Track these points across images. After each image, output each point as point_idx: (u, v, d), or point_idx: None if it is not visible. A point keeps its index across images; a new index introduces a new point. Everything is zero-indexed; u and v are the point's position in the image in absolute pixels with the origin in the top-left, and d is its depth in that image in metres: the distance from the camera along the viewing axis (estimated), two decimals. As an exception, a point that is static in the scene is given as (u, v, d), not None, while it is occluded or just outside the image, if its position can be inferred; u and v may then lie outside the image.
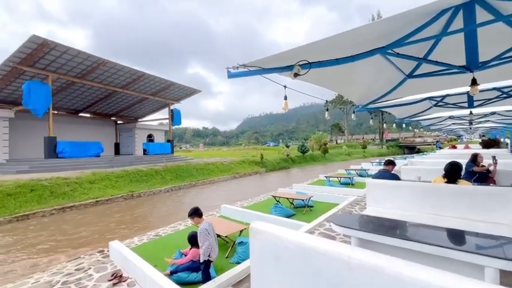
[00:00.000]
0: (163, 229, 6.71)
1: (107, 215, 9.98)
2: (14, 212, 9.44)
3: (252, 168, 24.40)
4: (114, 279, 3.95)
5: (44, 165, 15.11)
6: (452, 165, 3.82)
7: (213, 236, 3.67)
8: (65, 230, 8.32)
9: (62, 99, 21.32)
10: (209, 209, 9.60)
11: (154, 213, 10.47)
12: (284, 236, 1.75)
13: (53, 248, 6.88)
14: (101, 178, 13.56)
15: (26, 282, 4.23)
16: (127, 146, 27.78)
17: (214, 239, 3.64)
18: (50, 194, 11.03)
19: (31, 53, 14.11)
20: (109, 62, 17.30)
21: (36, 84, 14.93)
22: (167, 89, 23.52)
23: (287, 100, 2.76)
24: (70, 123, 23.39)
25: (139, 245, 5.58)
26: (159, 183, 15.41)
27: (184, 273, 3.72)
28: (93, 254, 5.30)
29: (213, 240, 3.59)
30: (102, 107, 25.26)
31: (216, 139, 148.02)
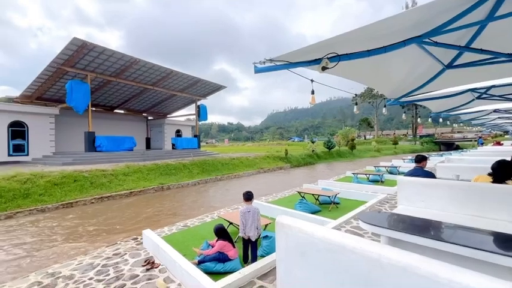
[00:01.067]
0: (191, 220, 7.00)
1: (139, 205, 10.62)
2: (60, 200, 10.42)
3: (276, 164, 24.38)
4: (147, 265, 4.23)
5: (84, 158, 16.42)
6: (501, 164, 3.50)
7: (250, 218, 4.01)
8: (103, 217, 9.02)
9: (99, 96, 22.88)
10: (234, 202, 9.81)
11: (183, 205, 10.92)
12: (311, 231, 1.74)
13: (93, 233, 7.50)
14: (134, 171, 14.43)
15: (70, 263, 4.68)
16: (157, 141, 29.16)
17: (251, 220, 4.01)
18: (90, 185, 11.98)
19: (72, 54, 15.29)
20: (141, 61, 18.18)
21: (77, 83, 16.19)
22: (194, 85, 24.18)
23: (314, 94, 2.70)
24: (106, 119, 25.08)
25: (169, 235, 5.88)
26: (187, 177, 16.02)
27: (211, 263, 3.87)
28: (128, 241, 5.70)
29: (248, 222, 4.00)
30: (135, 104, 26.68)
31: (241, 134, 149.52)
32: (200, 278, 3.24)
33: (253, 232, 4.00)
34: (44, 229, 7.88)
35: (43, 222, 8.54)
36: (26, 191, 10.23)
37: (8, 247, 6.57)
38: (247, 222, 4.01)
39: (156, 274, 3.97)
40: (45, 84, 18.11)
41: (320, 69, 2.23)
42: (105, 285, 3.73)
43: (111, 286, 3.69)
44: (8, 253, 6.24)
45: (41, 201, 10.07)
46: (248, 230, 4.00)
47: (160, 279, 3.79)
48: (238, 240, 5.01)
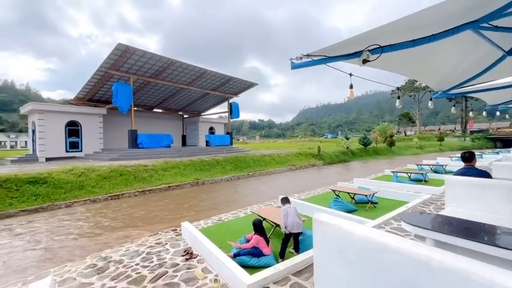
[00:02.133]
0: (226, 215, 7.23)
1: (177, 199, 11.25)
2: (108, 192, 11.48)
3: (308, 161, 23.95)
4: (186, 255, 4.48)
5: (128, 154, 17.82)
6: None
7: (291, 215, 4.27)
8: (146, 209, 9.73)
9: (140, 97, 24.56)
10: (267, 199, 9.88)
11: (217, 200, 11.31)
12: (350, 230, 1.70)
13: (137, 223, 8.14)
14: (171, 166, 15.29)
15: (119, 249, 5.15)
16: (192, 138, 30.48)
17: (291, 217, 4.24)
18: (134, 179, 12.99)
19: (117, 58, 16.62)
20: (177, 62, 19.11)
21: (121, 85, 17.57)
22: (226, 83, 24.72)
23: (353, 89, 2.60)
24: (146, 118, 26.87)
25: (205, 227, 6.15)
26: (220, 173, 16.52)
27: (246, 257, 3.96)
28: (168, 231, 6.09)
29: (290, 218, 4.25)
30: (171, 103, 28.14)
31: (272, 131, 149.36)
32: (236, 270, 3.35)
33: (296, 226, 4.21)
34: (96, 217, 8.76)
35: (95, 211, 9.50)
36: (80, 183, 11.45)
37: (68, 232, 7.44)
38: (288, 216, 4.23)
39: (194, 264, 4.19)
40: (95, 87, 19.96)
41: (360, 62, 2.14)
42: (149, 271, 4.05)
43: (155, 272, 3.98)
44: (67, 236, 7.06)
45: (93, 192, 11.19)
46: (290, 224, 4.20)
47: (198, 269, 3.99)
48: (272, 237, 5.06)
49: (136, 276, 3.92)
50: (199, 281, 3.69)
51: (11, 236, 7.17)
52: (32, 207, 9.42)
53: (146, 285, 3.62)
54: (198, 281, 3.67)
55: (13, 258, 5.87)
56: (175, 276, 3.84)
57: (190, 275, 3.84)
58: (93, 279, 3.91)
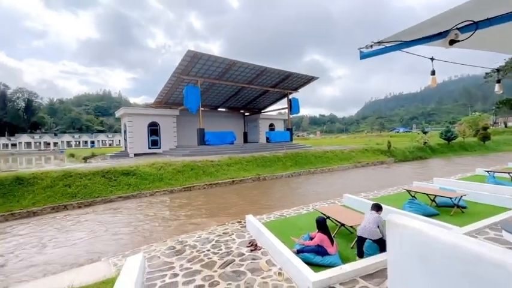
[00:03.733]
0: (287, 211, 7.28)
1: (241, 193, 11.86)
2: (182, 184, 12.89)
3: (376, 158, 21.96)
4: (251, 246, 4.70)
5: (197, 151, 19.61)
6: None
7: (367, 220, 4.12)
8: (213, 201, 10.58)
9: (206, 98, 26.64)
10: (330, 197, 9.52)
11: (278, 196, 11.46)
12: (435, 235, 1.50)
13: (206, 213, 8.92)
14: (235, 162, 16.17)
15: (193, 235, 5.75)
16: (253, 135, 31.53)
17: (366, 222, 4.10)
18: (203, 173, 14.25)
19: (187, 64, 18.39)
20: (238, 62, 19.99)
21: (191, 88, 19.41)
22: (286, 79, 24.63)
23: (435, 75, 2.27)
24: (211, 117, 28.97)
25: (267, 221, 6.32)
26: (281, 169, 16.65)
27: (310, 254, 3.92)
28: (233, 223, 6.49)
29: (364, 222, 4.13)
30: (234, 102, 29.63)
31: (334, 126, 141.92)
32: (301, 266, 3.35)
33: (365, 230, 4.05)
34: (172, 205, 9.97)
35: (172, 200, 10.81)
36: (160, 176, 13.17)
37: (151, 217, 8.69)
38: (365, 220, 4.15)
39: (259, 256, 4.37)
40: (169, 91, 22.58)
41: (446, 43, 1.84)
42: (219, 257, 4.41)
43: (223, 259, 4.32)
44: (151, 220, 8.25)
45: (170, 184, 12.75)
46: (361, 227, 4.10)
47: (263, 261, 4.15)
48: (337, 236, 4.87)
49: (208, 260, 4.32)
50: (264, 272, 3.83)
51: (113, 216, 8.80)
52: (126, 194, 11.34)
53: (216, 270, 3.96)
54: (263, 272, 3.82)
55: (115, 235, 7.20)
56: (242, 265, 4.08)
57: (255, 266, 4.03)
58: (173, 259, 4.48)
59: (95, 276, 4.07)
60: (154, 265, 4.28)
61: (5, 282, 4.92)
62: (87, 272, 4.41)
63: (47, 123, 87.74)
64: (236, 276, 3.74)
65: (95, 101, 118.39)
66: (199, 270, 3.99)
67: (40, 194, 10.11)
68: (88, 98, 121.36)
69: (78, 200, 10.31)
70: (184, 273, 3.92)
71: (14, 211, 9.10)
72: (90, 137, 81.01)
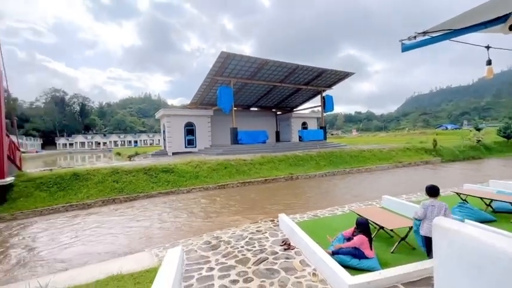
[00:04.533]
0: (321, 211, 7.10)
1: (273, 191, 11.87)
2: (216, 182, 13.32)
3: (420, 157, 20.32)
4: (284, 245, 4.69)
5: (230, 149, 20.08)
6: None
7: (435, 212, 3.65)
8: (246, 199, 10.75)
9: (239, 98, 27.11)
10: (367, 198, 9.07)
11: (311, 195, 11.24)
12: (493, 244, 1.35)
13: (240, 210, 9.10)
14: (267, 161, 16.23)
15: (227, 232, 5.91)
16: (285, 134, 31.31)
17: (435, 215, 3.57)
18: (236, 171, 14.56)
19: (220, 65, 18.91)
20: (270, 61, 20.00)
21: (224, 88, 19.93)
22: (319, 76, 23.99)
23: (491, 65, 2.03)
24: (244, 116, 29.39)
25: (301, 221, 6.25)
26: (314, 168, 16.29)
27: (346, 256, 3.79)
28: (266, 221, 6.52)
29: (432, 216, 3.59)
30: (265, 101, 29.73)
31: (371, 124, 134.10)
32: (336, 268, 3.25)
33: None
34: (207, 202, 10.36)
35: (207, 197, 11.24)
36: (196, 173, 13.77)
37: (188, 212, 9.14)
38: (430, 216, 3.67)
39: (292, 255, 4.34)
40: (204, 92, 23.45)
41: (506, 29, 1.63)
42: (252, 254, 4.47)
43: (257, 256, 4.37)
44: (188, 215, 8.67)
45: (205, 182, 13.25)
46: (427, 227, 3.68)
47: (296, 260, 4.12)
48: (374, 239, 4.63)
49: (242, 257, 4.42)
50: (298, 272, 3.80)
51: (154, 210, 9.44)
52: (165, 190, 12.07)
53: (250, 267, 4.03)
54: (297, 272, 3.79)
55: (158, 228, 7.73)
56: (275, 263, 4.10)
57: (289, 265, 4.02)
58: (209, 253, 4.67)
59: (140, 265, 4.41)
60: (192, 258, 4.50)
61: (67, 264, 5.59)
62: (133, 260, 4.81)
63: (97, 124, 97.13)
64: (270, 274, 3.77)
65: (137, 103, 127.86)
66: (233, 265, 4.10)
67: (93, 189, 11.24)
68: (131, 101, 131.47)
69: (125, 195, 11.25)
70: (219, 267, 4.06)
71: (72, 203, 10.27)
72: (133, 136, 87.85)
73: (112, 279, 3.83)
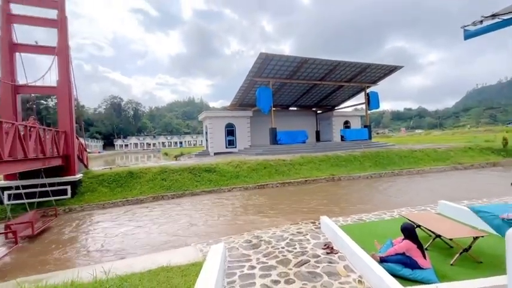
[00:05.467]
0: (367, 215, 6.69)
1: (314, 192, 11.56)
2: (256, 182, 13.49)
3: (485, 158, 17.82)
4: (326, 248, 4.53)
5: (270, 150, 20.15)
6: None
7: None
8: (286, 199, 10.67)
9: (278, 97, 27.05)
10: (419, 202, 8.27)
11: (355, 198, 10.66)
12: None
13: (279, 211, 9.06)
14: (307, 161, 15.88)
15: (267, 231, 5.92)
16: (326, 133, 30.27)
17: None
18: (275, 171, 14.55)
19: (259, 66, 19.11)
20: (309, 59, 19.55)
21: (263, 89, 20.09)
22: (363, 72, 22.68)
23: None
24: (283, 116, 29.22)
25: (344, 225, 5.96)
26: (358, 169, 15.42)
27: (396, 265, 3.50)
28: (307, 223, 6.38)
29: None
30: (305, 100, 29.13)
31: (423, 121, 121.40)
32: (385, 277, 3.03)
33: None
34: (248, 202, 10.54)
35: (247, 196, 11.44)
36: (236, 173, 14.12)
37: (229, 210, 9.42)
38: None
39: (335, 259, 4.17)
40: (243, 94, 23.96)
41: None
42: (293, 256, 4.42)
43: (298, 258, 4.31)
44: (229, 213, 8.94)
45: (245, 181, 13.52)
46: None
47: (340, 265, 3.94)
48: (430, 249, 4.19)
49: (283, 258, 4.39)
50: (342, 277, 3.63)
51: (199, 207, 9.96)
52: (208, 189, 12.64)
53: (291, 268, 3.99)
54: (340, 278, 3.63)
55: (202, 224, 8.14)
56: (317, 266, 3.98)
57: (331, 269, 3.87)
58: (250, 252, 4.75)
59: (186, 258, 4.69)
60: (234, 255, 4.62)
61: (125, 252, 6.22)
62: (180, 254, 5.13)
63: (148, 127, 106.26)
64: (312, 277, 3.68)
65: (182, 106, 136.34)
66: (274, 265, 4.10)
67: (145, 186, 12.32)
68: (177, 105, 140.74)
69: (172, 192, 12.09)
70: (260, 266, 4.10)
71: (128, 198, 11.39)
72: (179, 138, 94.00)
73: (162, 270, 4.14)
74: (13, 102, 11.03)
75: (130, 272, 4.09)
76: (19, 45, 11.51)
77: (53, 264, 6.01)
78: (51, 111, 54.37)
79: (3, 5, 11.04)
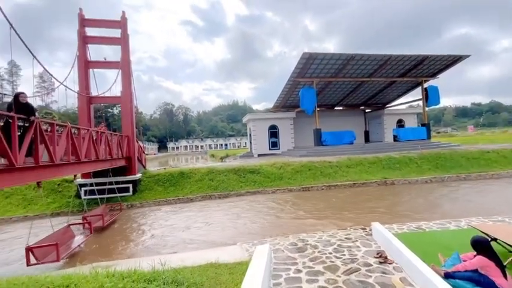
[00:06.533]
0: (427, 223, 6.01)
1: (363, 197, 10.85)
2: (300, 184, 13.24)
3: None
4: (379, 258, 4.19)
5: (314, 151, 19.59)
6: None
7: None
8: (331, 203, 10.23)
9: (322, 97, 26.18)
10: (493, 211, 7.10)
11: (411, 204, 9.67)
12: None
13: (325, 214, 8.72)
14: (355, 163, 15.00)
15: (313, 235, 5.74)
16: (376, 133, 28.19)
17: None
18: (320, 174, 14.09)
19: (302, 67, 18.78)
20: (356, 56, 18.49)
21: (306, 90, 19.69)
22: (419, 65, 20.54)
23: None
24: (328, 116, 28.14)
25: (399, 233, 5.45)
26: (415, 173, 13.97)
27: (466, 283, 3.06)
28: (356, 229, 6.01)
29: None
30: (352, 99, 27.61)
31: (497, 117, 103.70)
32: (452, 295, 2.67)
33: None
34: (292, 204, 10.39)
35: (291, 198, 11.29)
36: (280, 175, 14.07)
37: (273, 212, 9.41)
38: None
39: (390, 270, 3.83)
40: (286, 95, 23.82)
41: None
42: (342, 262, 4.19)
43: (347, 265, 4.07)
44: (274, 215, 8.93)
45: (289, 183, 13.38)
46: None
47: (396, 277, 3.61)
48: (508, 266, 3.56)
49: (330, 264, 4.20)
50: (398, 291, 3.32)
51: (242, 208, 10.20)
52: (253, 190, 12.86)
53: (340, 275, 3.79)
54: (397, 291, 3.32)
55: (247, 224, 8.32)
56: (369, 276, 3.71)
57: (385, 280, 3.56)
58: (296, 255, 4.66)
59: (232, 257, 4.83)
60: (279, 257, 4.60)
61: (178, 247, 6.71)
62: (226, 252, 5.31)
63: (196, 130, 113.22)
64: (363, 287, 3.44)
65: (227, 110, 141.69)
66: (322, 271, 3.95)
67: (194, 185, 13.11)
68: (222, 109, 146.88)
69: (219, 192, 12.62)
70: (307, 271, 3.99)
71: (180, 196, 12.26)
72: (224, 140, 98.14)
73: (211, 266, 4.33)
74: (88, 112, 12.87)
75: (183, 266, 4.37)
76: (92, 62, 13.40)
77: (118, 254, 6.79)
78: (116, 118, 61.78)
79: (80, 29, 12.98)
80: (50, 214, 10.17)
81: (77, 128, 8.24)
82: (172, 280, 3.20)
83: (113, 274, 3.12)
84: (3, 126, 4.94)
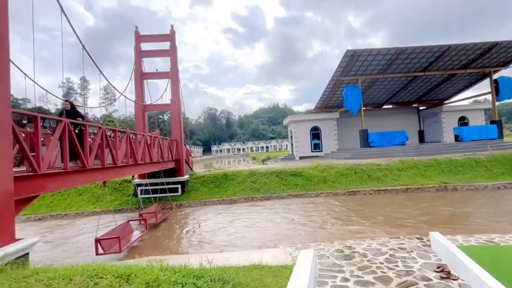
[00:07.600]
0: (501, 237, 5.18)
1: (417, 203, 9.83)
2: (346, 188, 12.60)
3: None
4: (441, 272, 3.75)
5: (360, 153, 18.46)
6: None
7: None
8: (381, 208, 9.48)
9: (368, 96, 24.59)
10: None
11: (481, 212, 8.43)
12: None
13: (373, 221, 8.12)
14: (408, 166, 13.70)
15: (362, 243, 5.40)
16: (432, 133, 25.38)
17: None
18: (367, 177, 13.21)
19: (346, 65, 17.94)
20: (407, 49, 16.98)
21: (350, 88, 18.74)
22: (486, 54, 17.93)
23: None
24: (375, 116, 26.28)
25: (464, 245, 4.80)
26: (483, 177, 12.17)
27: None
28: (411, 238, 5.47)
29: None
30: (403, 96, 25.38)
31: None
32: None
33: None
34: (337, 208, 9.93)
35: (336, 203, 10.81)
36: (323, 178, 13.60)
37: (316, 216, 9.11)
38: None
39: (454, 287, 3.39)
40: (329, 95, 23.00)
41: None
42: (396, 274, 3.85)
43: (401, 278, 3.72)
44: (316, 219, 8.64)
45: (333, 187, 12.84)
46: None
47: (462, 296, 3.18)
48: None
49: (382, 274, 3.89)
50: (466, 312, 2.91)
51: (284, 210, 10.11)
52: (294, 192, 12.67)
53: (393, 288, 3.48)
54: (464, 312, 2.91)
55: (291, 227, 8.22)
56: (429, 292, 3.33)
57: (450, 299, 3.16)
58: (342, 262, 4.43)
59: (275, 260, 4.80)
60: (324, 264, 4.42)
61: (223, 246, 6.94)
62: (269, 254, 5.31)
63: (238, 133, 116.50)
64: (421, 303, 3.11)
65: (267, 113, 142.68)
66: (372, 282, 3.68)
67: (237, 187, 13.46)
68: (262, 112, 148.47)
69: (261, 194, 12.73)
70: (355, 280, 3.76)
71: (223, 197, 12.71)
72: (265, 143, 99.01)
73: (255, 268, 4.37)
74: (143, 118, 14.24)
75: (228, 265, 4.50)
76: (146, 74, 14.82)
77: (168, 249, 7.31)
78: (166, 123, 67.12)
79: (136, 45, 14.48)
80: (113, 210, 11.48)
81: (134, 134, 9.17)
82: (218, 278, 3.31)
83: (166, 268, 3.36)
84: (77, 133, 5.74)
